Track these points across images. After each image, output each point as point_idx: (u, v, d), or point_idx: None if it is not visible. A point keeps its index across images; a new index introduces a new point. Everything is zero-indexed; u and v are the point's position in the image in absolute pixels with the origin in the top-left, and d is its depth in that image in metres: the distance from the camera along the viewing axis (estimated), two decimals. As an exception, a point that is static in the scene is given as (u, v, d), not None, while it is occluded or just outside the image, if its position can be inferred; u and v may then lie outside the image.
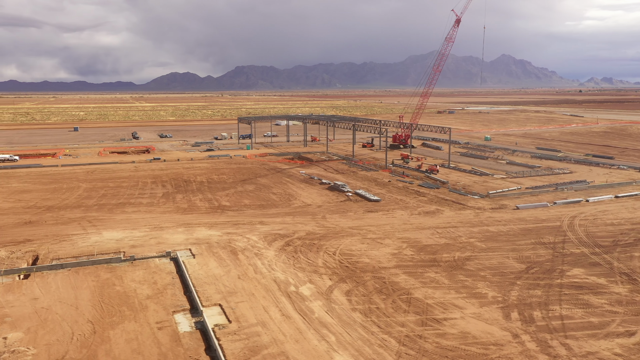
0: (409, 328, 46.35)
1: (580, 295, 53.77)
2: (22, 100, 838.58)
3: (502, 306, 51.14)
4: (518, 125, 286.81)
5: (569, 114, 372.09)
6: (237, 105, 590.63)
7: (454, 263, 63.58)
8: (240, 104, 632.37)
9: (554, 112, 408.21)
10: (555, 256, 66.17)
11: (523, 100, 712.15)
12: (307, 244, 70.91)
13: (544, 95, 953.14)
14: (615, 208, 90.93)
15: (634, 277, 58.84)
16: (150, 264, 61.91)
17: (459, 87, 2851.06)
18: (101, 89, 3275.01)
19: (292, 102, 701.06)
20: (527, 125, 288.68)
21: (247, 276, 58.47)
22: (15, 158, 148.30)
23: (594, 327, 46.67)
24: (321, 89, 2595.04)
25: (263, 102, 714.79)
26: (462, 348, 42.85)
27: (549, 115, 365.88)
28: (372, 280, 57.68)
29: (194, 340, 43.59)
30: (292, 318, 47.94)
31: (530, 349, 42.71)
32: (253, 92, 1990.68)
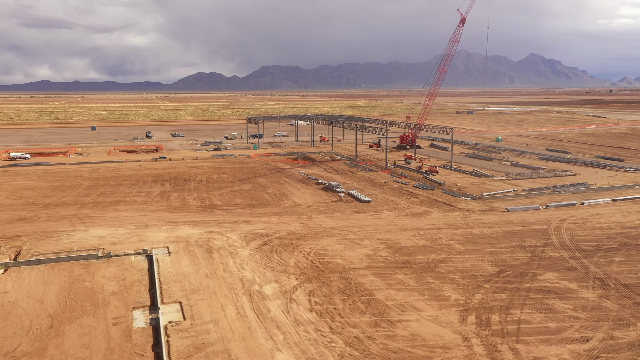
0: (360, 329, 46.42)
1: (545, 300, 52.95)
2: (51, 100, 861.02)
3: (461, 309, 50.74)
4: (535, 126, 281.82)
5: (591, 115, 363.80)
6: (257, 105, 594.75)
7: (427, 265, 63.22)
8: (260, 103, 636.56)
9: (576, 112, 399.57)
10: (532, 260, 65.18)
11: (549, 100, 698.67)
12: (285, 244, 71.40)
13: (571, 96, 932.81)
14: (609, 212, 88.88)
15: (607, 282, 57.62)
16: (124, 261, 63.27)
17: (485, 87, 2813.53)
18: (129, 88, 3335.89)
19: (313, 102, 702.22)
20: (544, 126, 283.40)
21: (215, 275, 59.29)
22: (26, 156, 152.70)
23: (549, 333, 45.97)
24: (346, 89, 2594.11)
25: (284, 102, 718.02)
26: (408, 350, 42.75)
27: (569, 116, 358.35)
28: (338, 281, 57.84)
29: (145, 336, 44.52)
30: (247, 316, 48.50)
31: (476, 353, 42.36)
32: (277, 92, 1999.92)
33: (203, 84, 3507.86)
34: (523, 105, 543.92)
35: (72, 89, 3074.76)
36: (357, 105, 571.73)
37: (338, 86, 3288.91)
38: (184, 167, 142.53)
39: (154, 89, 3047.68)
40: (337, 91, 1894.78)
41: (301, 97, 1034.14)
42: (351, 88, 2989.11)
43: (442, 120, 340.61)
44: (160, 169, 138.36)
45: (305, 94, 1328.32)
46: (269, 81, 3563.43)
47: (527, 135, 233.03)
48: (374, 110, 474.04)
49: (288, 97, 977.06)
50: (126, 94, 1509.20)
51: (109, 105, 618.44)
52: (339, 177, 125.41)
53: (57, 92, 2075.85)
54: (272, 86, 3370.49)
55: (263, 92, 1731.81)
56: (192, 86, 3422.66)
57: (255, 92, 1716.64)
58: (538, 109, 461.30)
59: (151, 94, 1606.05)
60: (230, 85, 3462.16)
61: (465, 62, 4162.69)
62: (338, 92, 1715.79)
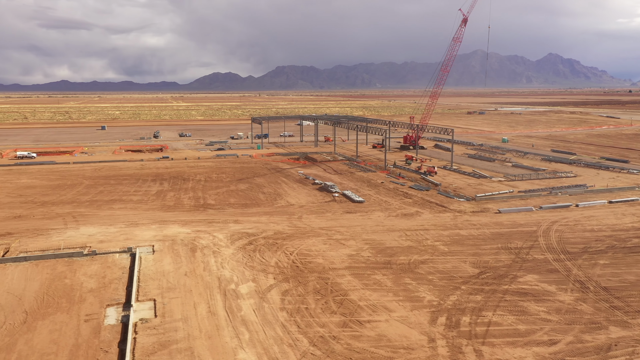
0: (327, 329, 46.61)
1: (520, 302, 52.59)
2: (68, 100, 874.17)
3: (433, 310, 50.64)
4: (546, 127, 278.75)
5: (605, 116, 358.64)
6: (269, 105, 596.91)
7: (407, 266, 63.15)
8: (273, 103, 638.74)
9: (589, 113, 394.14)
10: (515, 262, 64.72)
11: (565, 100, 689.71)
12: (270, 244, 71.83)
13: (589, 96, 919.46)
14: (603, 214, 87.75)
15: (587, 285, 57.01)
16: (108, 259, 64.24)
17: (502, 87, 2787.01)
18: (146, 88, 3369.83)
19: (326, 102, 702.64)
20: (555, 127, 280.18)
21: (194, 273, 59.92)
22: (33, 155, 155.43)
23: (517, 335, 45.69)
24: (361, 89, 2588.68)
25: (297, 102, 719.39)
26: (371, 351, 42.84)
27: (582, 117, 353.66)
28: (315, 281, 58.06)
29: (113, 333, 45.25)
30: (217, 315, 49.00)
31: (439, 354, 42.30)
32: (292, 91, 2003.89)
33: (219, 84, 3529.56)
34: (537, 106, 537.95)
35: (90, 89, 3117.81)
36: (369, 106, 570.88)
37: (353, 86, 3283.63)
38: (185, 166, 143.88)
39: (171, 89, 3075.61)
40: (351, 91, 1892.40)
41: (315, 97, 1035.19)
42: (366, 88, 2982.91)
43: (452, 121, 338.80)
44: (162, 169, 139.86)
45: (320, 94, 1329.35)
46: (284, 81, 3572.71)
47: (535, 136, 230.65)
48: (385, 110, 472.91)
49: (301, 97, 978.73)
50: (142, 94, 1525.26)
51: (123, 105, 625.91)
52: (336, 177, 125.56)
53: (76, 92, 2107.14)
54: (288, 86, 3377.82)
55: (277, 92, 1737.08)
56: (208, 86, 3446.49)
57: (270, 92, 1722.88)
58: (551, 110, 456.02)
59: (167, 94, 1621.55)
60: (246, 85, 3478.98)
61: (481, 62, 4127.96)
62: (353, 92, 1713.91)
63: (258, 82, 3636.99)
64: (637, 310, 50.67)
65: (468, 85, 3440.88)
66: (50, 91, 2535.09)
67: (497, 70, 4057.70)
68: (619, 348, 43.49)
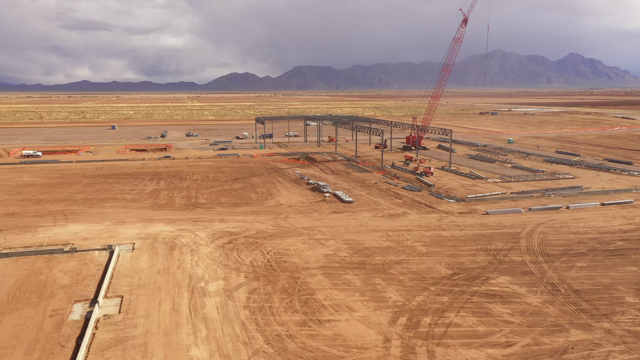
0: (286, 327, 46.96)
1: (486, 304, 52.32)
2: (86, 100, 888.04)
3: (396, 311, 50.66)
4: (557, 128, 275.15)
5: (620, 116, 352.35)
6: (282, 105, 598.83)
7: (381, 266, 63.17)
8: (286, 104, 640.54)
9: (605, 114, 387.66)
10: (492, 263, 64.32)
11: (583, 101, 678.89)
12: (250, 243, 72.41)
13: (609, 96, 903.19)
14: (592, 216, 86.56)
15: (559, 287, 56.47)
16: (86, 256, 65.46)
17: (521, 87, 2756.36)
18: (165, 88, 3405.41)
19: (339, 102, 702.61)
20: (566, 127, 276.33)
21: (168, 271, 60.76)
22: (38, 154, 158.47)
23: (475, 336, 45.52)
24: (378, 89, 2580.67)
25: (311, 102, 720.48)
26: (323, 350, 43.09)
27: (596, 118, 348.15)
28: (285, 280, 58.44)
29: (74, 328, 46.20)
30: (180, 312, 49.69)
31: (391, 354, 42.37)
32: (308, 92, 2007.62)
33: (236, 84, 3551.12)
34: (553, 107, 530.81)
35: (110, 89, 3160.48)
36: (383, 106, 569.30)
37: (370, 86, 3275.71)
38: (185, 166, 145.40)
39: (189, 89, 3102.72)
40: (368, 92, 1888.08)
41: (330, 97, 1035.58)
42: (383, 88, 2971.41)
43: (463, 121, 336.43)
44: (162, 168, 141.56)
45: (335, 95, 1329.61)
46: (301, 81, 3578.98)
47: (543, 137, 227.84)
48: (397, 111, 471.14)
49: (316, 98, 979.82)
50: (160, 94, 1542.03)
51: (138, 105, 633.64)
52: (332, 177, 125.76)
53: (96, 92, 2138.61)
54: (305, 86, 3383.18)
55: (293, 93, 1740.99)
56: (225, 86, 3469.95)
57: (286, 93, 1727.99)
58: (566, 110, 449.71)
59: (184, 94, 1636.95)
60: (263, 85, 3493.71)
61: (500, 62, 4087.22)
62: (369, 92, 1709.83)
63: (275, 82, 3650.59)
64: (604, 313, 50.08)
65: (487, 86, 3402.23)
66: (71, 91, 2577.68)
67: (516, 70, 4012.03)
68: (575, 351, 43.08)
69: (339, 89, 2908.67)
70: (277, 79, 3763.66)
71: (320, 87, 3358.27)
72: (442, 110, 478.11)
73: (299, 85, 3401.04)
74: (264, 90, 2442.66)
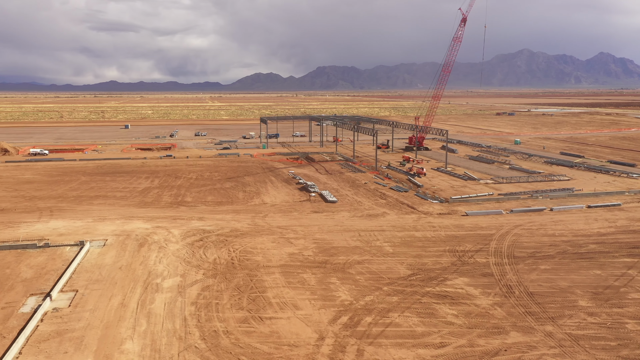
0: (225, 324, 47.65)
1: (434, 305, 52.12)
2: (110, 100, 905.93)
3: (340, 310, 50.87)
4: (572, 129, 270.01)
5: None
6: (300, 105, 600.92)
7: (341, 266, 63.39)
8: (305, 104, 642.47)
9: (626, 115, 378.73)
10: (454, 264, 63.93)
11: (608, 101, 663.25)
12: (220, 241, 73.40)
13: (638, 97, 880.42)
14: (574, 218, 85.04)
15: (514, 290, 55.89)
16: (57, 251, 67.33)
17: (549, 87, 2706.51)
18: (190, 89, 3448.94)
19: (358, 102, 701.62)
20: (582, 129, 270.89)
21: (130, 267, 62.12)
22: (45, 152, 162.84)
23: (411, 337, 45.47)
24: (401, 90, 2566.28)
25: (330, 102, 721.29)
26: (254, 346, 43.64)
27: (616, 119, 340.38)
28: (241, 278, 59.17)
29: (21, 320, 47.71)
30: (127, 307, 50.85)
31: (319, 352, 42.67)
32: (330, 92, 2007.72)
33: (260, 84, 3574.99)
34: (576, 107, 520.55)
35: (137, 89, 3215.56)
36: (401, 106, 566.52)
37: (394, 87, 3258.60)
38: (184, 164, 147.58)
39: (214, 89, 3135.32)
40: (391, 92, 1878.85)
41: (351, 97, 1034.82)
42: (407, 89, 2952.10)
43: (477, 122, 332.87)
44: (161, 166, 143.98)
45: (356, 95, 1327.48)
46: (325, 81, 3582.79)
47: (554, 138, 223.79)
48: (414, 111, 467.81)
49: (336, 98, 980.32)
50: (184, 94, 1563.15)
51: (159, 105, 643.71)
52: (324, 177, 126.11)
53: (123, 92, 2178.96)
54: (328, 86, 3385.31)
55: (315, 93, 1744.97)
56: (249, 86, 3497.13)
57: (308, 93, 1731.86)
58: (588, 111, 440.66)
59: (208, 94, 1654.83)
60: (287, 85, 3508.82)
61: (527, 61, 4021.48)
62: (392, 92, 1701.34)
63: (299, 82, 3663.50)
64: (551, 317, 49.43)
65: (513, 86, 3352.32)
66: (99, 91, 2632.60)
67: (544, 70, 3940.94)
68: (507, 353, 42.70)
69: (363, 89, 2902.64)
70: (300, 79, 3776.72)
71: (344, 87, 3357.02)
72: (459, 111, 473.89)
73: (323, 86, 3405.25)
74: (288, 91, 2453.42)
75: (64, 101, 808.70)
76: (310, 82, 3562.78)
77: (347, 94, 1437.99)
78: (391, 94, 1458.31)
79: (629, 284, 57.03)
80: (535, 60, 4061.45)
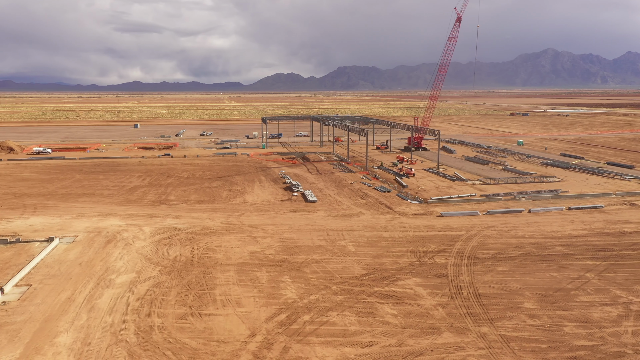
0: (163, 319, 48.48)
1: (377, 304, 52.19)
2: (130, 100, 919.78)
3: (282, 308, 51.29)
4: (583, 130, 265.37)
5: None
6: (315, 105, 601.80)
7: (298, 265, 63.78)
8: (320, 104, 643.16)
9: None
10: (412, 265, 63.80)
11: (631, 102, 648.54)
12: (188, 238, 74.45)
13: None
14: (550, 220, 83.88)
15: (462, 291, 55.62)
16: (24, 247, 69.16)
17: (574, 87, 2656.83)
18: (212, 89, 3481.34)
19: (374, 102, 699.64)
20: (593, 129, 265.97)
21: (89, 263, 63.51)
22: (48, 151, 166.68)
23: (342, 335, 45.66)
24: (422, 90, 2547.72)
25: (346, 102, 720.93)
26: (183, 342, 44.35)
27: (632, 119, 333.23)
28: (195, 275, 60.02)
29: (-33, 312, 49.32)
30: (74, 301, 52.09)
31: (245, 349, 43.15)
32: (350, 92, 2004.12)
33: (281, 84, 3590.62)
34: (595, 108, 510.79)
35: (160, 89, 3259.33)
36: (415, 107, 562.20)
37: (415, 87, 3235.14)
38: (180, 163, 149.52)
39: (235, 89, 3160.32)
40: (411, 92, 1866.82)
41: (368, 98, 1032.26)
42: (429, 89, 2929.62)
43: (488, 122, 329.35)
44: (157, 165, 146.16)
45: (375, 95, 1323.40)
46: (346, 81, 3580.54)
47: (561, 139, 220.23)
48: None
49: (353, 98, 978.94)
50: (204, 94, 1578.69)
51: (176, 104, 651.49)
52: (313, 177, 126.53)
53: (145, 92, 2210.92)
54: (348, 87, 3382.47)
55: (334, 93, 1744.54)
56: (270, 87, 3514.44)
57: (327, 93, 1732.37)
58: (605, 112, 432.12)
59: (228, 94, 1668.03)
60: (307, 85, 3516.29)
61: (552, 61, 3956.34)
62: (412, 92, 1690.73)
63: (319, 82, 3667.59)
64: (490, 318, 49.10)
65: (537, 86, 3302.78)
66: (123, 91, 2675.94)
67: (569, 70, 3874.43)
68: (432, 354, 42.63)
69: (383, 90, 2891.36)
70: (321, 79, 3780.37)
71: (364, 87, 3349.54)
72: (473, 111, 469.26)
73: (343, 86, 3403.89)
74: (308, 91, 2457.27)
75: (85, 101, 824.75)
76: (331, 82, 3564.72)
77: (366, 94, 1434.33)
78: (411, 94, 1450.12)
79: (582, 287, 56.23)
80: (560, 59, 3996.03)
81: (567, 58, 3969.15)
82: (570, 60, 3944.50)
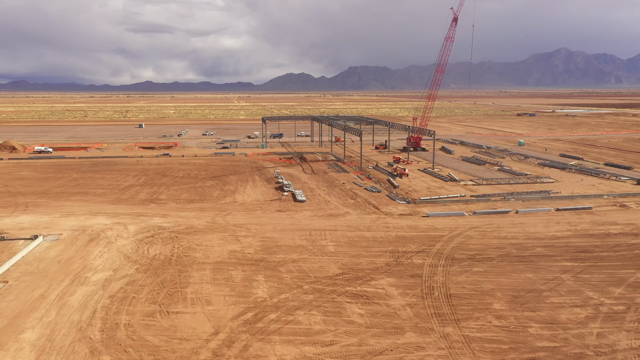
0: (131, 317, 49.01)
1: (346, 304, 52.31)
2: (140, 100, 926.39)
3: (250, 306, 51.61)
4: (589, 130, 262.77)
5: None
6: (323, 105, 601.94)
7: (275, 264, 64.05)
8: (328, 104, 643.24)
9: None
10: (388, 265, 63.80)
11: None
12: (171, 237, 75.05)
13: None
14: (535, 221, 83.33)
15: (434, 291, 55.54)
16: (7, 245, 70.18)
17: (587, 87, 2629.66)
18: (223, 89, 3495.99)
19: (382, 102, 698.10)
20: (599, 130, 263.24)
21: (69, 261, 64.31)
22: (49, 150, 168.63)
23: (305, 334, 45.85)
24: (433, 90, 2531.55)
25: (354, 102, 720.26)
26: (146, 339, 44.82)
27: (639, 120, 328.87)
28: (170, 274, 60.54)
29: (-59, 308, 50.24)
30: (46, 298, 52.83)
31: (206, 347, 43.50)
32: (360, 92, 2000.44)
33: (292, 84, 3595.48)
34: (605, 108, 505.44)
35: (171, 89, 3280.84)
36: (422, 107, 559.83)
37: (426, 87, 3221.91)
38: (177, 163, 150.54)
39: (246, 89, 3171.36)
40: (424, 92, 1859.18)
41: (377, 98, 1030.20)
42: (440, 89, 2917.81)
43: (494, 123, 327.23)
44: (154, 165, 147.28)
45: (385, 95, 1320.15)
46: (356, 82, 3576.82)
47: (565, 139, 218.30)
48: (436, 111, 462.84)
49: (362, 98, 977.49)
50: (215, 94, 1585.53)
51: (183, 104, 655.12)
52: (307, 177, 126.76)
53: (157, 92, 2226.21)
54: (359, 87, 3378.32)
55: (344, 93, 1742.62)
56: (281, 87, 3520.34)
57: (337, 93, 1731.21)
58: (614, 112, 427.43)
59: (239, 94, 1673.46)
60: (318, 85, 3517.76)
61: (565, 61, 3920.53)
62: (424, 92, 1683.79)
63: (330, 82, 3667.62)
64: (457, 319, 49.01)
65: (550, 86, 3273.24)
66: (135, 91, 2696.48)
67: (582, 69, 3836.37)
68: (392, 353, 42.69)
69: (394, 89, 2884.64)
70: (332, 79, 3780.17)
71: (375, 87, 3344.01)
72: (480, 111, 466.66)
73: (354, 86, 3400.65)
74: (319, 91, 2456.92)
75: (96, 101, 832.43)
76: (342, 82, 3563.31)
77: (376, 95, 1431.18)
78: (421, 94, 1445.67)
79: (555, 288, 55.88)
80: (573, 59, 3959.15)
81: (580, 58, 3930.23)
82: (583, 60, 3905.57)
